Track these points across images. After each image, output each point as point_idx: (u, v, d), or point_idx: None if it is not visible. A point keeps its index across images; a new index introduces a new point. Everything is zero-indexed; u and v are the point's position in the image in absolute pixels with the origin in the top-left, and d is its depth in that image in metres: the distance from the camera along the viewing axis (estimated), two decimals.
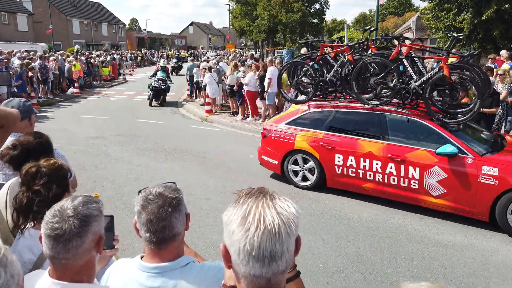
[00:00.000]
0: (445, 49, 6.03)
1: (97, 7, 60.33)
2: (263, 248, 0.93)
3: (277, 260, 0.94)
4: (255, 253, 0.93)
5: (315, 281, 4.17)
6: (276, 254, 0.94)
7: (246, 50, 42.39)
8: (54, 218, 1.37)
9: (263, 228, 0.93)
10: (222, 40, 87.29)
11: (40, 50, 25.50)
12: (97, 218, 1.43)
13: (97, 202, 1.49)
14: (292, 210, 0.99)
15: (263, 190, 1.03)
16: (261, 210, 0.95)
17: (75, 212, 1.39)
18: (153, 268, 1.46)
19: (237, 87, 12.21)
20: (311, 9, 33.13)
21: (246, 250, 0.93)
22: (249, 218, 0.95)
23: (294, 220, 0.98)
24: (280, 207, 0.97)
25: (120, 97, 18.63)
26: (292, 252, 0.99)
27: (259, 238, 0.92)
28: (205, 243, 4.88)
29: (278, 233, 0.93)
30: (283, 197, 1.02)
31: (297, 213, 1.00)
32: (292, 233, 0.97)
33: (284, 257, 0.96)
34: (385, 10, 64.21)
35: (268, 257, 0.93)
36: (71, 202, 1.42)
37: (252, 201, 0.99)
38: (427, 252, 4.79)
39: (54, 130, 10.91)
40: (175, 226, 1.46)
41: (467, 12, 12.94)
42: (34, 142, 2.29)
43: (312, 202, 6.24)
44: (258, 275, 0.95)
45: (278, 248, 0.94)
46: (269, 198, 0.99)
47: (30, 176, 1.83)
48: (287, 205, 0.99)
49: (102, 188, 6.71)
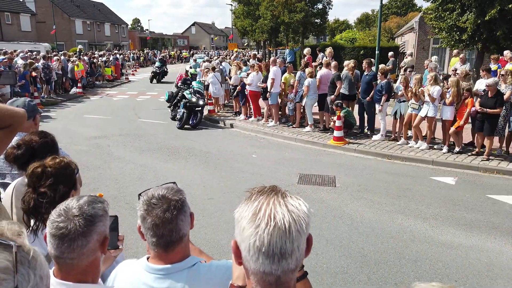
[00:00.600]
0: None
1: (99, 7, 60.44)
2: (273, 245, 0.92)
3: (286, 258, 0.94)
4: (265, 250, 0.92)
5: (319, 282, 4.15)
6: (286, 252, 0.93)
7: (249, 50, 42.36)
8: (59, 217, 1.36)
9: (273, 225, 0.92)
10: (224, 40, 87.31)
11: (43, 50, 25.56)
12: (102, 218, 1.42)
13: (102, 202, 1.48)
14: (303, 209, 0.98)
15: (275, 188, 1.03)
16: (272, 207, 0.95)
17: (80, 211, 1.38)
18: (160, 269, 1.44)
19: (240, 87, 12.21)
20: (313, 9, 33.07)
21: (256, 247, 0.93)
22: (259, 215, 0.94)
23: (305, 218, 0.97)
24: (291, 205, 0.97)
25: (123, 97, 18.66)
26: (302, 251, 0.98)
27: (269, 235, 0.92)
28: (208, 243, 4.87)
29: (289, 231, 0.93)
30: (295, 196, 1.02)
31: (309, 212, 0.99)
32: (303, 231, 0.96)
33: (294, 255, 0.95)
34: (388, 10, 64.01)
35: (278, 254, 0.93)
36: (76, 202, 1.41)
37: (264, 198, 0.98)
38: (431, 252, 4.77)
39: (57, 129, 10.93)
40: (181, 228, 1.44)
41: (471, 12, 12.87)
42: (39, 142, 2.28)
43: (315, 202, 6.22)
44: (267, 272, 0.95)
45: (288, 246, 0.93)
46: (280, 196, 0.99)
47: (35, 177, 1.81)
48: (298, 203, 0.99)
49: (105, 187, 6.71)
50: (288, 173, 7.64)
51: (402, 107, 9.37)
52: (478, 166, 7.93)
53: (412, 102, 8.93)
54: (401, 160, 8.56)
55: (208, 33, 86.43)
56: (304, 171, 7.70)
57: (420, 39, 24.02)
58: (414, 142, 9.20)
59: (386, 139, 9.82)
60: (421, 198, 6.47)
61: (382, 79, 9.54)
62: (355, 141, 9.75)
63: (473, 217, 5.76)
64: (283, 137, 10.51)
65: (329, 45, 21.47)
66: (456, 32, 13.82)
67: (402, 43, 30.67)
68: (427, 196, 6.56)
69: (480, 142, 8.47)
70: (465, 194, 6.66)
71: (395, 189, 6.85)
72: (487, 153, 8.14)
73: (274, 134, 10.77)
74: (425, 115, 8.67)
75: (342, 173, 7.67)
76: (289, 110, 11.65)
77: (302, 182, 7.19)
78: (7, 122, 1.74)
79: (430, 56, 20.16)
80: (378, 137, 9.84)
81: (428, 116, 8.66)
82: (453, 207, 6.12)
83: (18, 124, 1.81)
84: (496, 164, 7.96)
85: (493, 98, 7.89)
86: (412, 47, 24.70)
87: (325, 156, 8.95)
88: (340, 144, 9.46)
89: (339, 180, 7.25)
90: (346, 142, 9.59)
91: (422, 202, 6.29)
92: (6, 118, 1.73)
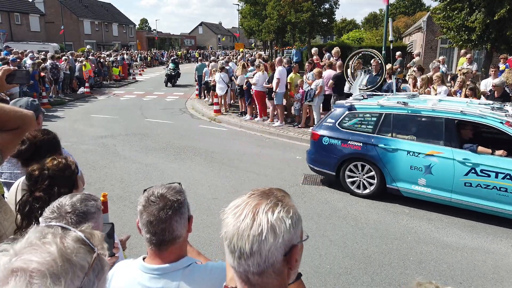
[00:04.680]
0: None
1: (107, 7, 60.88)
2: (234, 242, 0.98)
3: (246, 259, 0.98)
4: (228, 243, 1.00)
5: (322, 282, 4.14)
6: (244, 252, 0.97)
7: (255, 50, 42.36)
8: (52, 214, 1.38)
9: (238, 225, 0.98)
10: (231, 40, 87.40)
11: (52, 50, 25.82)
12: (94, 216, 1.44)
13: (95, 200, 1.49)
14: (286, 222, 0.98)
15: (271, 195, 1.04)
16: (248, 210, 0.99)
17: (72, 208, 1.40)
18: (155, 269, 1.45)
19: (246, 87, 12.22)
20: (320, 9, 32.92)
21: (224, 239, 1.01)
22: (235, 211, 1.01)
23: (282, 232, 0.97)
24: (270, 214, 0.98)
25: (130, 96, 18.77)
26: (270, 259, 0.98)
27: (232, 232, 0.98)
28: (212, 242, 4.88)
29: (248, 234, 0.96)
30: (288, 207, 1.02)
31: (291, 226, 0.99)
32: (267, 241, 0.97)
33: (254, 259, 0.97)
34: (396, 10, 63.57)
35: (237, 252, 0.99)
36: (69, 199, 1.43)
37: (251, 199, 1.02)
38: (436, 254, 4.73)
39: (65, 129, 11.04)
40: (175, 229, 1.45)
41: (479, 12, 12.73)
42: (42, 138, 2.31)
43: (320, 203, 6.21)
44: (233, 266, 1.02)
45: (247, 247, 0.97)
46: (267, 202, 1.00)
47: (33, 180, 1.81)
48: (285, 215, 0.99)
49: (111, 187, 6.76)
50: (293, 174, 7.63)
51: None
52: None
53: None
54: None
55: (215, 33, 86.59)
56: (309, 172, 7.67)
57: (428, 39, 23.84)
58: None
59: None
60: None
61: (388, 79, 9.49)
62: None
63: (479, 218, 5.70)
64: (289, 137, 10.50)
65: (335, 45, 21.40)
66: (464, 31, 13.67)
67: (409, 43, 30.46)
68: None
69: None
70: None
71: None
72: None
73: (279, 134, 10.76)
74: None
75: None
76: (295, 110, 11.63)
77: (307, 182, 7.17)
78: (16, 123, 1.78)
79: (438, 56, 19.99)
80: None
81: None
82: (459, 208, 6.06)
83: (27, 126, 1.85)
84: None
85: (499, 98, 7.80)
86: (420, 47, 24.52)
87: None
88: None
89: None
90: None
91: (427, 203, 6.23)
92: (15, 120, 1.77)
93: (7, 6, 39.00)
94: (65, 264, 0.78)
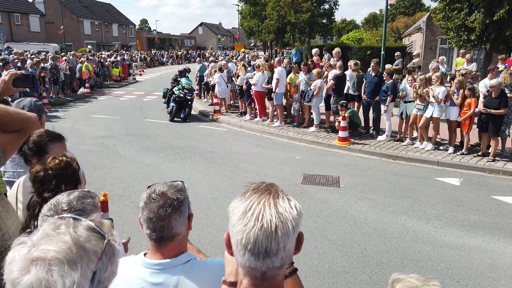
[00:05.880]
0: None
1: (107, 8, 60.89)
2: (259, 244, 0.96)
3: (271, 257, 0.97)
4: (251, 247, 0.96)
5: (321, 281, 4.17)
6: (271, 251, 0.97)
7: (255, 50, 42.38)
8: (49, 211, 1.41)
9: (259, 226, 0.96)
10: (231, 41, 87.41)
11: (52, 50, 25.85)
12: (91, 213, 1.47)
13: (93, 197, 1.52)
14: (293, 212, 1.01)
15: (270, 188, 1.06)
16: (262, 208, 0.98)
17: (69, 206, 1.43)
18: (155, 264, 1.49)
19: (246, 87, 12.25)
20: (320, 9, 32.95)
21: (242, 244, 0.97)
22: (248, 214, 0.98)
23: (293, 221, 0.99)
24: (281, 207, 0.99)
25: (130, 97, 18.80)
26: (290, 250, 1.01)
27: (255, 234, 0.96)
28: (212, 242, 4.91)
29: (275, 232, 0.96)
30: (288, 197, 1.04)
31: (299, 214, 1.02)
32: (290, 233, 0.99)
33: (280, 254, 0.98)
34: (395, 10, 63.59)
35: (263, 253, 0.96)
36: (66, 197, 1.46)
37: (256, 197, 1.02)
38: (433, 253, 4.77)
39: (65, 129, 10.99)
40: (174, 227, 1.48)
41: (479, 12, 12.76)
42: (45, 135, 2.36)
43: (319, 202, 6.24)
44: (253, 267, 0.99)
45: (274, 246, 0.96)
46: (272, 197, 1.02)
47: (39, 182, 1.84)
48: (289, 205, 1.01)
49: (111, 186, 6.80)
50: (292, 173, 7.67)
51: (408, 107, 9.35)
52: (484, 167, 7.89)
53: (417, 103, 8.91)
54: (406, 161, 8.54)
55: (215, 34, 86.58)
56: (308, 171, 7.72)
57: (427, 39, 23.87)
58: (420, 142, 9.17)
59: (391, 140, 9.80)
60: (425, 199, 6.46)
61: (387, 80, 9.53)
62: (360, 142, 9.74)
63: (477, 218, 5.74)
64: (288, 137, 10.53)
65: (335, 46, 21.43)
66: (464, 32, 13.71)
67: (409, 43, 30.48)
68: (431, 197, 6.55)
69: (485, 143, 8.43)
70: (470, 195, 6.64)
71: (399, 190, 6.85)
72: (493, 154, 8.09)
73: (279, 134, 10.80)
74: (431, 115, 8.64)
75: (346, 174, 7.67)
76: (295, 110, 11.66)
77: (306, 182, 7.21)
78: (19, 125, 1.83)
79: (438, 56, 20.02)
80: (384, 138, 9.82)
81: (434, 116, 8.63)
82: (457, 208, 6.11)
83: (30, 128, 1.91)
84: (502, 165, 7.91)
85: (497, 98, 7.84)
86: (419, 47, 24.55)
87: (330, 157, 8.96)
88: (345, 145, 9.46)
89: (343, 181, 7.27)
90: (351, 142, 9.59)
91: (426, 202, 6.28)
92: (18, 122, 1.83)
93: (7, 7, 39.05)
94: (80, 251, 0.86)
